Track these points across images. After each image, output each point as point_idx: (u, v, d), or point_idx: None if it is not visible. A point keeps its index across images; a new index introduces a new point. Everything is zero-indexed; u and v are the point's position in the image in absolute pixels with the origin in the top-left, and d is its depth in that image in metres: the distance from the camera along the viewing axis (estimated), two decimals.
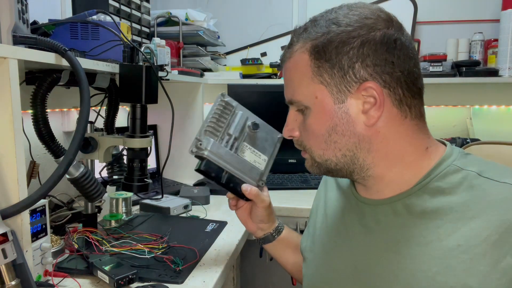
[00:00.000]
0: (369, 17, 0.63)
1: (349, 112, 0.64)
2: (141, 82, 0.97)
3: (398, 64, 0.63)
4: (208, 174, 0.83)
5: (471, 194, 0.61)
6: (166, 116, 1.15)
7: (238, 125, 0.87)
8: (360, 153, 0.66)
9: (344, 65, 0.62)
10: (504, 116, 2.10)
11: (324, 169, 0.70)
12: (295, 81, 0.68)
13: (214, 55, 2.19)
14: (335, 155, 0.67)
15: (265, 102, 1.91)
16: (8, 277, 0.66)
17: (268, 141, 0.93)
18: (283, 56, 0.71)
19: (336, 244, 0.75)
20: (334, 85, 0.64)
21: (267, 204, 0.89)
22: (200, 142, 0.83)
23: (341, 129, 0.65)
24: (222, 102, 0.87)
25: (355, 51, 0.62)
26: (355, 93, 0.63)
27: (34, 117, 0.91)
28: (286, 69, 0.70)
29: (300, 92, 0.67)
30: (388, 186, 0.68)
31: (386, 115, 0.64)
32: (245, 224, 0.94)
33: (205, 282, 0.89)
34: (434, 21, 2.13)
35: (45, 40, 0.77)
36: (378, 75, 0.62)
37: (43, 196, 0.73)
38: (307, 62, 0.65)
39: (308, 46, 0.65)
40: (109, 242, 1.00)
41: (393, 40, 0.62)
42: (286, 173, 1.88)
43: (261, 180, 0.89)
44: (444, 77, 1.90)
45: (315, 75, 0.64)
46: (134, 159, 1.03)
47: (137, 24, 1.65)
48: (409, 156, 0.66)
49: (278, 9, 2.29)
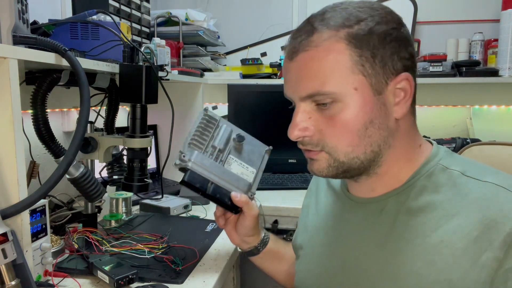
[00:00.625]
0: (392, 12, 0.66)
1: (386, 104, 0.63)
2: (141, 82, 0.97)
3: (414, 58, 0.66)
4: (193, 185, 0.82)
5: (454, 192, 0.63)
6: (166, 116, 1.15)
7: (222, 137, 0.87)
8: (384, 150, 0.65)
9: (385, 56, 0.62)
10: (504, 116, 2.10)
11: (345, 169, 0.66)
12: (326, 71, 0.61)
13: (214, 55, 2.19)
14: (365, 151, 0.64)
15: (265, 102, 1.91)
16: (8, 277, 0.66)
17: (255, 154, 0.92)
18: (300, 45, 0.63)
19: (327, 240, 0.77)
20: (374, 76, 0.62)
21: (256, 213, 0.86)
22: (184, 154, 0.82)
23: (378, 121, 0.63)
24: (205, 116, 0.87)
25: (393, 43, 0.62)
26: (392, 84, 0.63)
27: (34, 117, 0.91)
28: (310, 59, 0.62)
29: (333, 83, 0.61)
30: (383, 183, 0.69)
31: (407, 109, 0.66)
32: (230, 236, 0.92)
33: (205, 282, 0.89)
34: (434, 21, 2.13)
35: (45, 40, 0.77)
36: (409, 67, 0.64)
37: (43, 196, 0.73)
38: (345, 51, 0.61)
39: (342, 34, 0.61)
40: (109, 242, 1.00)
41: (410, 37, 0.65)
42: (286, 173, 1.88)
43: (250, 192, 0.87)
44: (444, 77, 1.90)
45: (355, 64, 0.61)
46: (134, 159, 1.03)
47: (137, 24, 1.65)
48: (410, 152, 0.68)
49: (278, 9, 2.29)
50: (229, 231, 0.91)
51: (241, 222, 0.88)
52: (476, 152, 0.97)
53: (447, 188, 0.64)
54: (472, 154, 0.98)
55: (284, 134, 0.71)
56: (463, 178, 0.64)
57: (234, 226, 0.90)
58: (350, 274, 0.70)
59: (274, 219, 1.55)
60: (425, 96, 2.10)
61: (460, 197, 0.62)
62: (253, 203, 0.87)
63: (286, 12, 2.27)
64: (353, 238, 0.71)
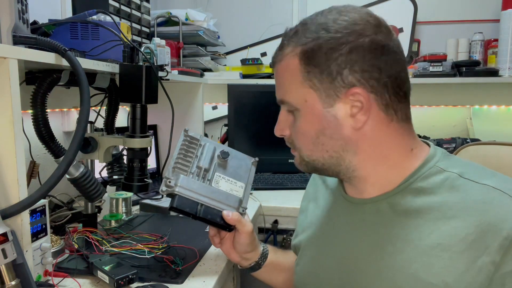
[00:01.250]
0: (358, 23, 0.64)
1: (337, 116, 0.65)
2: (141, 82, 0.97)
3: (385, 69, 0.64)
4: (182, 210, 0.81)
5: (452, 194, 0.63)
6: (166, 116, 1.15)
7: (207, 156, 0.87)
8: (346, 155, 0.68)
9: (333, 71, 0.63)
10: (504, 116, 2.10)
11: (312, 167, 0.72)
12: (286, 84, 0.69)
13: (214, 55, 2.19)
14: (322, 156, 0.69)
15: (265, 102, 1.90)
16: (8, 277, 0.66)
17: (242, 168, 0.92)
18: (274, 57, 0.72)
19: (324, 241, 0.78)
20: (323, 90, 0.65)
21: (250, 229, 0.86)
22: (169, 179, 0.81)
23: (329, 132, 0.66)
24: (187, 137, 0.87)
25: (343, 58, 0.62)
26: (343, 97, 0.64)
27: (34, 117, 0.91)
28: (278, 71, 0.71)
29: (290, 95, 0.69)
30: (373, 186, 0.70)
31: (373, 119, 0.65)
32: (229, 255, 0.91)
33: (205, 282, 0.89)
34: (434, 21, 2.13)
35: (45, 40, 0.77)
36: (366, 80, 0.63)
37: (43, 196, 0.73)
38: (297, 66, 0.66)
39: (298, 50, 0.66)
40: (109, 242, 1.00)
41: (381, 46, 0.63)
42: (286, 173, 1.88)
43: (241, 207, 0.87)
44: (444, 77, 1.90)
45: (305, 79, 0.65)
46: (134, 159, 1.03)
47: (137, 24, 1.65)
48: (394, 157, 0.68)
49: (278, 9, 2.29)
50: (226, 250, 0.91)
51: (237, 240, 0.87)
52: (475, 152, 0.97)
53: (444, 190, 0.64)
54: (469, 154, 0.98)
55: None
56: (461, 180, 0.64)
57: (231, 244, 0.89)
58: (348, 274, 0.71)
59: (274, 219, 1.55)
60: (425, 96, 2.10)
61: (457, 200, 0.62)
62: (246, 220, 0.87)
63: (286, 12, 2.27)
64: (350, 238, 0.72)
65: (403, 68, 0.67)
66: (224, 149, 0.90)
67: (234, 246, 0.89)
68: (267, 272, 0.94)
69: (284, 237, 1.52)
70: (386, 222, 0.67)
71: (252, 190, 1.72)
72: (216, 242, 0.90)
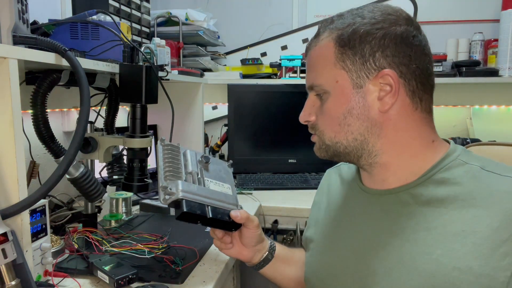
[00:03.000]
0: (392, 14, 0.68)
1: (366, 97, 0.68)
2: (141, 82, 0.97)
3: (414, 58, 0.67)
4: (194, 213, 0.78)
5: (475, 184, 0.65)
6: (166, 116, 1.15)
7: (192, 161, 0.86)
8: (370, 138, 0.70)
9: (366, 53, 0.67)
10: (504, 116, 2.10)
11: (332, 152, 0.74)
12: (318, 67, 0.72)
13: (214, 55, 2.19)
14: (346, 138, 0.71)
15: (265, 102, 1.91)
16: (8, 277, 0.66)
17: (222, 171, 0.93)
18: (309, 45, 0.75)
19: (339, 231, 0.79)
20: (354, 71, 0.68)
21: (257, 222, 0.88)
22: (169, 187, 0.78)
23: (357, 112, 0.69)
24: (166, 146, 0.85)
25: (377, 41, 0.66)
26: (373, 79, 0.67)
27: (34, 117, 0.91)
28: (311, 57, 0.74)
29: (321, 77, 0.71)
30: (394, 175, 0.71)
31: (399, 103, 0.68)
32: (240, 255, 0.91)
33: (205, 282, 0.89)
34: (434, 21, 2.13)
35: (45, 40, 0.77)
36: (396, 65, 0.67)
37: (43, 196, 0.73)
38: (332, 49, 0.69)
39: (334, 35, 0.70)
40: (109, 242, 1.00)
41: (412, 36, 0.68)
42: (286, 173, 1.88)
43: (239, 205, 0.89)
44: (444, 77, 1.90)
45: (338, 61, 0.69)
46: (134, 159, 1.03)
47: (137, 24, 1.65)
48: (416, 147, 0.70)
49: (278, 9, 2.29)
50: (237, 251, 0.90)
51: (246, 235, 0.88)
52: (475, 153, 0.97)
53: (467, 180, 0.65)
54: None
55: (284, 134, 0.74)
56: (483, 172, 0.66)
57: (240, 244, 0.90)
58: (366, 263, 0.71)
59: (274, 219, 1.55)
60: None
61: (481, 189, 0.64)
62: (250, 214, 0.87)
63: (286, 12, 2.27)
64: (369, 228, 0.73)
65: (430, 62, 0.70)
66: (203, 154, 0.90)
67: (244, 244, 0.89)
68: (278, 267, 0.93)
69: (284, 237, 1.52)
70: (408, 212, 0.68)
71: (252, 190, 1.72)
72: (228, 241, 0.89)
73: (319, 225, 0.86)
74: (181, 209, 0.77)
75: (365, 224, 0.74)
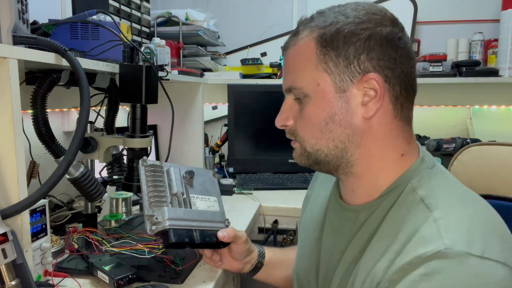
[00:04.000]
0: (376, 13, 0.64)
1: (349, 102, 0.64)
2: (141, 82, 0.97)
3: (400, 62, 0.63)
4: (182, 242, 0.78)
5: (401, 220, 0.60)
6: (166, 116, 1.15)
7: (177, 181, 0.84)
8: (350, 147, 0.65)
9: (350, 55, 0.62)
10: (504, 116, 2.10)
11: (313, 159, 0.69)
12: (298, 68, 0.67)
13: (214, 55, 2.19)
14: (328, 145, 0.66)
15: (265, 102, 1.91)
16: (8, 277, 0.66)
17: (207, 182, 0.91)
18: (287, 44, 0.70)
19: (313, 237, 0.78)
20: (337, 74, 0.63)
21: (245, 238, 0.88)
22: (155, 216, 0.77)
23: (339, 118, 0.64)
24: (148, 167, 0.82)
25: (362, 43, 0.62)
26: (357, 83, 0.63)
27: (34, 117, 0.91)
28: (289, 57, 0.69)
29: (302, 79, 0.66)
30: (363, 187, 0.68)
31: (382, 110, 0.64)
32: (231, 268, 0.92)
33: (205, 282, 0.89)
34: (434, 21, 2.13)
35: (45, 40, 0.77)
36: (381, 68, 0.62)
37: (43, 196, 0.73)
38: (313, 49, 0.64)
39: (315, 34, 0.65)
40: (109, 242, 1.00)
41: (398, 38, 0.63)
42: (286, 173, 1.88)
43: (226, 220, 0.89)
44: (444, 77, 1.90)
45: (320, 62, 0.64)
46: (134, 159, 1.03)
47: (137, 24, 1.65)
48: (386, 160, 0.66)
49: (278, 9, 2.29)
50: (227, 265, 0.91)
51: (235, 250, 0.88)
52: (475, 153, 0.97)
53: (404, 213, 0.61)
54: (471, 154, 0.98)
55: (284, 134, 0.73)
56: (421, 205, 0.60)
57: (229, 258, 0.90)
58: (324, 274, 0.72)
59: (274, 219, 1.55)
60: (425, 96, 2.10)
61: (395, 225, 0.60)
62: (238, 230, 0.87)
63: (286, 12, 2.27)
64: (329, 239, 0.73)
65: (414, 65, 0.66)
66: (188, 169, 0.88)
67: (233, 258, 0.90)
68: (269, 271, 0.94)
69: (284, 237, 1.52)
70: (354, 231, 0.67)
71: (252, 190, 1.72)
72: (217, 260, 0.90)
73: (302, 224, 0.87)
74: (170, 239, 0.77)
75: (328, 234, 0.74)
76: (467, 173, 0.96)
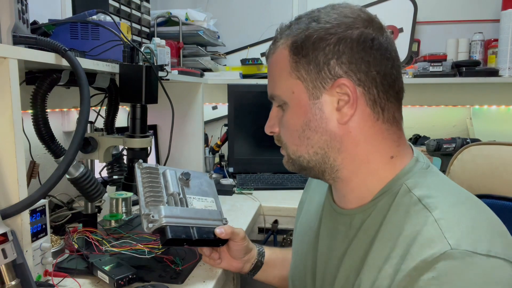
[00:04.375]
0: (348, 16, 0.63)
1: (323, 109, 0.64)
2: (141, 82, 0.97)
3: (374, 64, 0.62)
4: (179, 238, 0.78)
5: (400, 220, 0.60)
6: (166, 116, 1.15)
7: (173, 182, 0.85)
8: (331, 152, 0.65)
9: (320, 61, 0.62)
10: (504, 116, 2.10)
11: (298, 166, 0.70)
12: (276, 76, 0.68)
13: (214, 55, 2.19)
14: (308, 152, 0.66)
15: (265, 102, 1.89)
16: (8, 277, 0.66)
17: (204, 184, 0.92)
18: (268, 52, 0.71)
19: (307, 240, 0.78)
20: (310, 81, 0.63)
21: (243, 235, 0.88)
22: (151, 215, 0.78)
23: (314, 125, 0.64)
24: (144, 169, 0.84)
25: (331, 48, 0.61)
26: (330, 89, 0.63)
27: (34, 117, 0.91)
28: (269, 65, 0.70)
29: (279, 87, 0.67)
30: (352, 192, 0.67)
31: (359, 114, 0.63)
32: (231, 267, 0.92)
33: (205, 282, 0.89)
34: (434, 21, 2.13)
35: (45, 40, 0.77)
36: (353, 72, 0.62)
37: (43, 196, 0.73)
38: (287, 57, 0.65)
39: (289, 42, 0.65)
40: (109, 242, 1.00)
41: (370, 40, 0.62)
42: (286, 173, 1.88)
43: (224, 219, 0.89)
44: (444, 77, 1.90)
45: (293, 70, 0.64)
46: (134, 159, 1.03)
47: (137, 24, 1.65)
48: (374, 163, 0.65)
49: (278, 9, 2.29)
50: (227, 264, 0.91)
51: (234, 248, 0.88)
52: (476, 152, 0.97)
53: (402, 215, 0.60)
54: (471, 154, 0.97)
55: None
56: (418, 206, 0.59)
57: (229, 257, 0.90)
58: (322, 280, 0.72)
59: (274, 219, 1.55)
60: (425, 96, 2.10)
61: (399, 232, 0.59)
62: (234, 228, 0.88)
63: (286, 12, 2.27)
64: (324, 244, 0.73)
65: (394, 66, 0.64)
66: (184, 171, 0.89)
67: (232, 256, 0.90)
68: (269, 271, 0.94)
69: (284, 237, 1.52)
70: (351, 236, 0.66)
71: (252, 190, 1.72)
72: (216, 258, 0.90)
73: (297, 227, 0.87)
74: (166, 236, 0.77)
75: (323, 238, 0.73)
76: (467, 173, 0.96)
